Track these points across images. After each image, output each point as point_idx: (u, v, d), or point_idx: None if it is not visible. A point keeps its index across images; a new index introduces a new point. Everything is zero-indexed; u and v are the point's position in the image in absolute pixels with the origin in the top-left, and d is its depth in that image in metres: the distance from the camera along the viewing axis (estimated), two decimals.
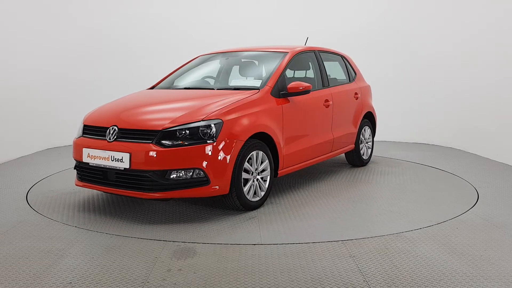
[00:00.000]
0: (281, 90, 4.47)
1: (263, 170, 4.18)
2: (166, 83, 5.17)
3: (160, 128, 3.68)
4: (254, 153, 4.02)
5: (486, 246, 3.26)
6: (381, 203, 4.38)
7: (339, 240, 3.36)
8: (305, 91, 4.53)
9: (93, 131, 4.08)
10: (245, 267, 2.90)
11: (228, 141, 3.77)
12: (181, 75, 5.28)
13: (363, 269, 2.86)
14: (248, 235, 3.49)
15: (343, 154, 5.97)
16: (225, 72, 5.24)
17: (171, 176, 3.64)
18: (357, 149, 5.90)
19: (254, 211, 4.08)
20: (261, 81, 4.55)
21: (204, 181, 3.70)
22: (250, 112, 4.05)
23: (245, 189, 3.98)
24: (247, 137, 3.92)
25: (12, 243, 3.30)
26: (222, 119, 3.80)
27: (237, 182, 3.86)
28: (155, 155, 3.60)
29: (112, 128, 3.89)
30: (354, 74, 6.08)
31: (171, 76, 5.32)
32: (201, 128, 3.71)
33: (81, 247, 3.23)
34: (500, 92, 6.40)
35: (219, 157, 3.71)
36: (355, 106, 5.80)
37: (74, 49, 7.88)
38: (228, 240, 3.38)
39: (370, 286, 2.64)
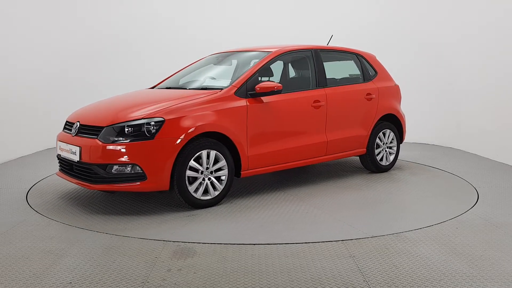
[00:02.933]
0: (250, 90, 4.46)
1: (219, 170, 4.20)
2: (165, 83, 5.28)
3: (104, 125, 3.97)
4: (204, 152, 4.07)
5: (486, 246, 3.26)
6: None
7: (339, 240, 3.36)
8: (274, 91, 4.47)
9: (67, 126, 4.51)
10: (245, 267, 2.90)
11: (168, 139, 3.90)
12: (180, 75, 5.36)
13: (363, 269, 2.86)
14: (165, 232, 3.54)
15: (358, 158, 5.72)
16: (211, 72, 5.23)
17: (112, 170, 3.87)
18: (370, 153, 5.50)
19: (204, 210, 4.11)
20: (230, 81, 4.59)
21: (141, 176, 3.87)
22: (201, 112, 4.12)
23: (191, 187, 4.03)
24: (192, 136, 4.00)
25: (12, 243, 3.30)
26: (164, 117, 3.94)
27: (178, 180, 3.95)
28: (96, 150, 3.90)
29: (76, 123, 4.28)
30: (374, 73, 5.74)
31: (173, 76, 5.44)
32: (146, 126, 3.89)
33: (81, 247, 3.23)
34: (500, 92, 6.40)
35: (156, 154, 3.87)
36: (365, 107, 5.44)
37: (75, 49, 7.87)
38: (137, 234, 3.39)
39: (370, 286, 2.64)
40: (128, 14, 8.16)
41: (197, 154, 4.04)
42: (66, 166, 4.32)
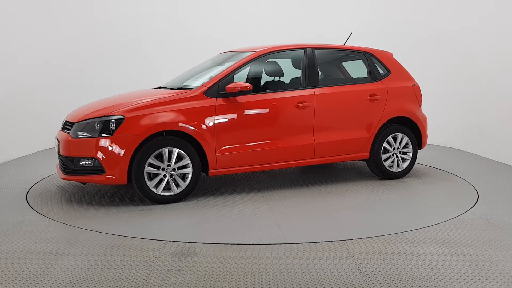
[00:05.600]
0: (222, 90, 4.48)
1: (184, 167, 4.32)
2: (166, 84, 5.32)
3: (75, 121, 4.33)
4: (165, 149, 4.23)
5: (486, 246, 3.26)
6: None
7: (339, 240, 3.36)
8: (246, 91, 4.46)
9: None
10: (245, 267, 2.90)
11: (125, 136, 4.13)
12: (183, 75, 5.37)
13: (363, 269, 2.86)
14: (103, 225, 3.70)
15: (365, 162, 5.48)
16: (202, 72, 5.18)
17: (80, 163, 4.21)
18: (375, 158, 5.17)
19: (165, 205, 4.23)
20: (204, 81, 4.63)
21: (100, 170, 4.15)
22: (164, 110, 4.26)
23: (151, 182, 4.21)
24: (150, 134, 4.18)
25: (12, 243, 3.30)
26: (125, 115, 4.18)
27: (136, 175, 4.15)
28: (66, 144, 4.29)
29: (64, 119, 4.67)
30: (386, 72, 5.38)
31: (180, 75, 5.50)
32: (110, 123, 4.16)
33: (81, 247, 3.23)
34: (500, 91, 6.40)
35: (113, 150, 4.12)
36: (367, 108, 5.11)
37: (77, 48, 7.85)
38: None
39: (370, 286, 2.64)
40: (133, 13, 8.13)
41: (158, 151, 4.21)
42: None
